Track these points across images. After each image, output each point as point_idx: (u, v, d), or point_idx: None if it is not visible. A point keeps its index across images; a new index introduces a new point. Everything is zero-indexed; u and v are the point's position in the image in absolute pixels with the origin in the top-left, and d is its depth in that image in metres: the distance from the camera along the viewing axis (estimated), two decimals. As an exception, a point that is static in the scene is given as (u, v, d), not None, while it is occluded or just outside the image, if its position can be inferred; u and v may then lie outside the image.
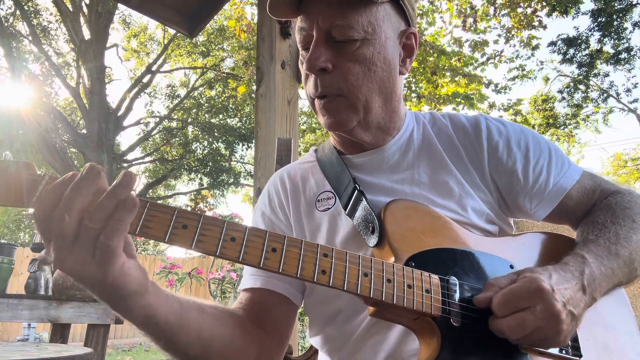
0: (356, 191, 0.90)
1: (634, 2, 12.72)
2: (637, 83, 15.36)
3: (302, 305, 1.00)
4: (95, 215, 0.57)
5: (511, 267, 0.82)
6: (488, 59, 9.17)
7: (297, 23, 0.90)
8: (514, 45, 9.69)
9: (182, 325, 0.72)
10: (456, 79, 8.24)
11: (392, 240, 0.80)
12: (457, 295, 0.74)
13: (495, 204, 0.94)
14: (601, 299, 0.85)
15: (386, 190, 0.93)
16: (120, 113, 14.01)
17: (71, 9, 12.54)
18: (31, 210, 0.60)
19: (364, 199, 0.88)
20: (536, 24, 8.61)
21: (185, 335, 0.73)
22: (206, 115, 15.86)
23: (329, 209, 0.95)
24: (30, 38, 12.93)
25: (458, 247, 0.82)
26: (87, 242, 0.57)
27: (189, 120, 15.75)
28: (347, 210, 0.90)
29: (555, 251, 0.89)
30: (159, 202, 0.63)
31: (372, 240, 0.83)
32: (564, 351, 0.75)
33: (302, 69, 0.90)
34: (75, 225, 0.57)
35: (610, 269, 0.79)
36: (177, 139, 15.86)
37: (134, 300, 0.63)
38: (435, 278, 0.74)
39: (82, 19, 12.72)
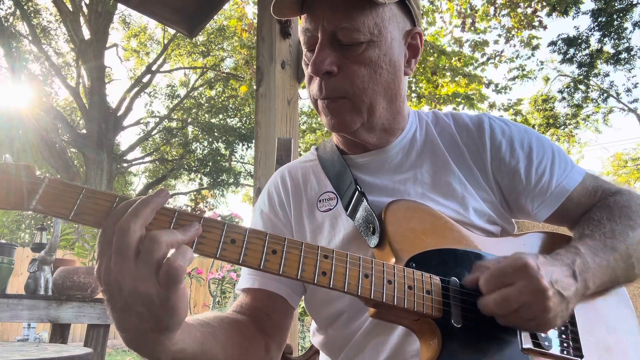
0: (357, 192, 0.90)
1: (634, 2, 12.72)
2: (637, 83, 15.42)
3: (304, 305, 1.00)
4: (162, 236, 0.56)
5: None
6: (488, 59, 9.16)
7: (302, 23, 0.88)
8: (514, 45, 9.71)
9: (204, 352, 0.70)
10: (456, 79, 8.22)
11: (393, 241, 0.79)
12: (458, 297, 0.74)
13: (497, 203, 0.94)
14: (602, 298, 0.85)
15: (388, 191, 0.92)
16: (120, 113, 14.01)
17: (71, 9, 12.54)
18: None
19: (364, 200, 0.87)
20: (536, 24, 8.60)
21: None
22: (206, 115, 15.86)
23: (330, 209, 0.94)
24: (30, 38, 12.93)
25: (459, 247, 0.81)
26: (150, 259, 0.54)
27: (189, 120, 15.76)
28: (348, 211, 0.90)
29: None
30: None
31: (373, 241, 0.82)
32: (565, 352, 0.74)
33: (307, 70, 0.89)
34: (139, 238, 0.55)
35: (606, 261, 0.79)
36: (177, 139, 15.86)
37: (173, 331, 0.60)
38: (436, 279, 0.74)
39: (82, 19, 12.73)
